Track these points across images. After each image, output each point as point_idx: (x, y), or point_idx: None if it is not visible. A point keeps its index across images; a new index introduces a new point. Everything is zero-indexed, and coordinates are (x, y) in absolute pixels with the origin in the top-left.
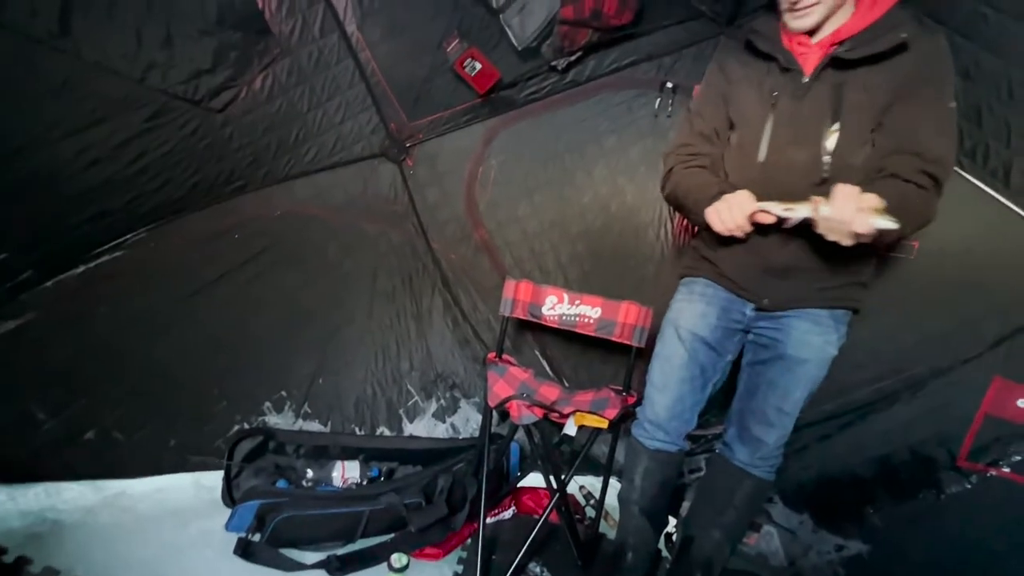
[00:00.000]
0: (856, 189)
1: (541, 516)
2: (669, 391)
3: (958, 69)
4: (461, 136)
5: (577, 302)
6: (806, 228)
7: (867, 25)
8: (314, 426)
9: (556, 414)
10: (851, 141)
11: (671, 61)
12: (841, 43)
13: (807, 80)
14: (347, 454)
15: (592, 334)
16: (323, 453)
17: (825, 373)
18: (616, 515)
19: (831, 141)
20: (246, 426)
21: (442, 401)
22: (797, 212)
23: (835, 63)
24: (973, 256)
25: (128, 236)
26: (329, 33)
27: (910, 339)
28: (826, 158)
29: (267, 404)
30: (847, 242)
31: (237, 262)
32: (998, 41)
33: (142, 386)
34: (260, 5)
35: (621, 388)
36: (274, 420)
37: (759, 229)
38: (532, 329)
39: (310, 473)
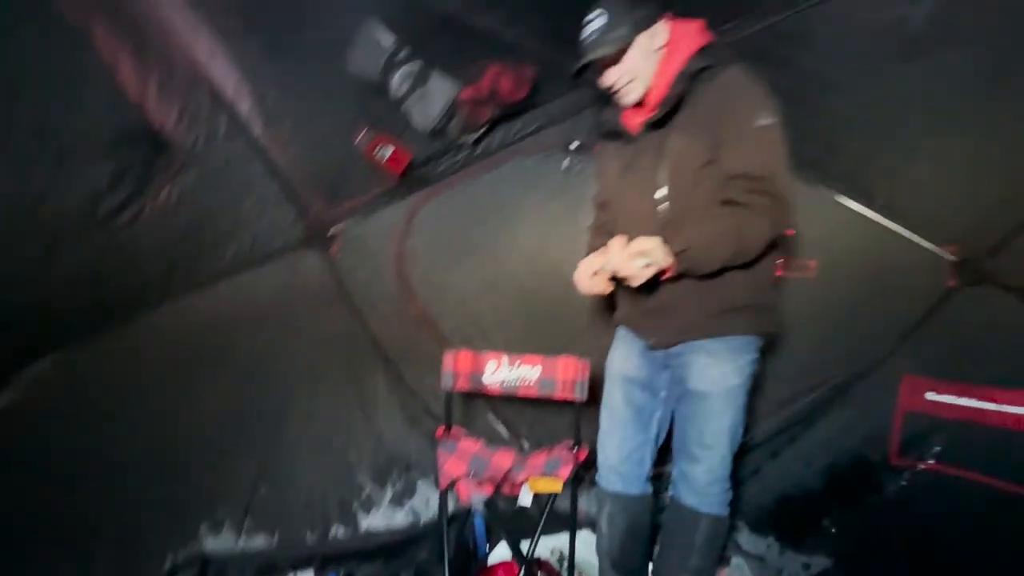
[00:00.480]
0: (623, 239)
1: None
2: (614, 435)
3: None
4: (384, 216)
5: (517, 363)
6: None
7: (668, 86)
8: (260, 541)
9: (508, 486)
10: (680, 185)
11: (571, 124)
12: (657, 106)
13: (638, 142)
14: (299, 564)
15: (535, 395)
16: (272, 570)
17: (741, 400)
18: (590, 571)
19: (662, 191)
20: (180, 559)
21: (398, 486)
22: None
23: (654, 125)
24: (864, 269)
25: (31, 366)
26: (235, 138)
27: (831, 349)
28: (661, 207)
29: (203, 527)
30: (634, 284)
31: (159, 377)
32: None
33: (58, 536)
34: (158, 123)
35: (571, 443)
36: (213, 545)
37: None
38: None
39: None
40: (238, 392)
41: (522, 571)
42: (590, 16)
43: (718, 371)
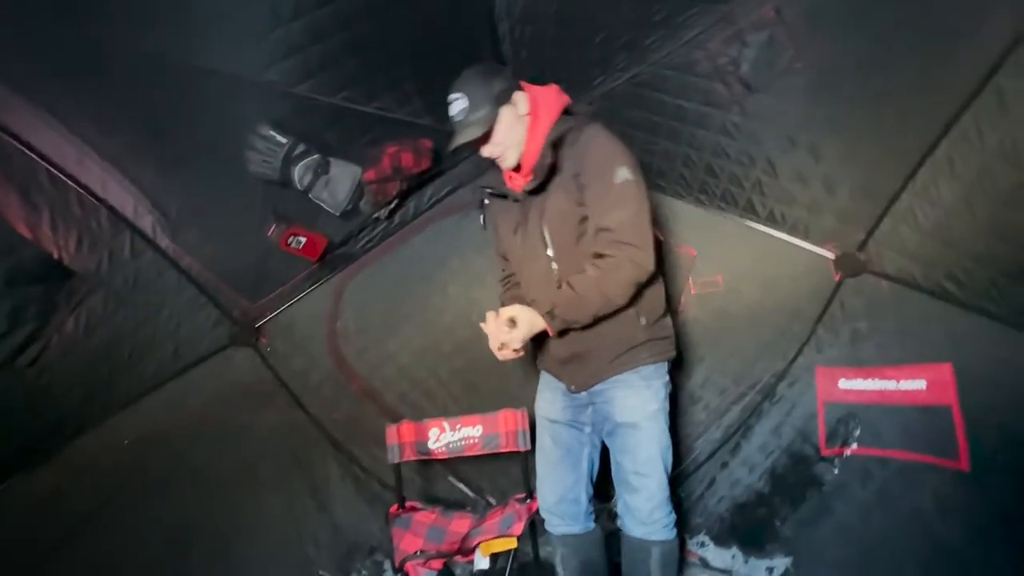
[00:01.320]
0: (493, 314)
1: None
2: (549, 477)
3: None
4: (311, 300)
5: (458, 426)
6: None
7: (538, 152)
8: None
9: (460, 556)
10: (564, 244)
11: (480, 181)
12: (531, 172)
13: (523, 204)
14: None
15: (482, 452)
16: None
17: (663, 423)
18: None
19: (550, 251)
20: None
21: (363, 572)
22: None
23: (533, 190)
24: (763, 275)
25: None
26: (141, 254)
27: (750, 354)
28: (553, 265)
29: None
30: (514, 347)
31: (92, 509)
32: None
33: None
34: (56, 254)
35: (524, 496)
36: None
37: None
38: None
39: None
40: (182, 506)
41: None
42: (450, 98)
43: (637, 400)
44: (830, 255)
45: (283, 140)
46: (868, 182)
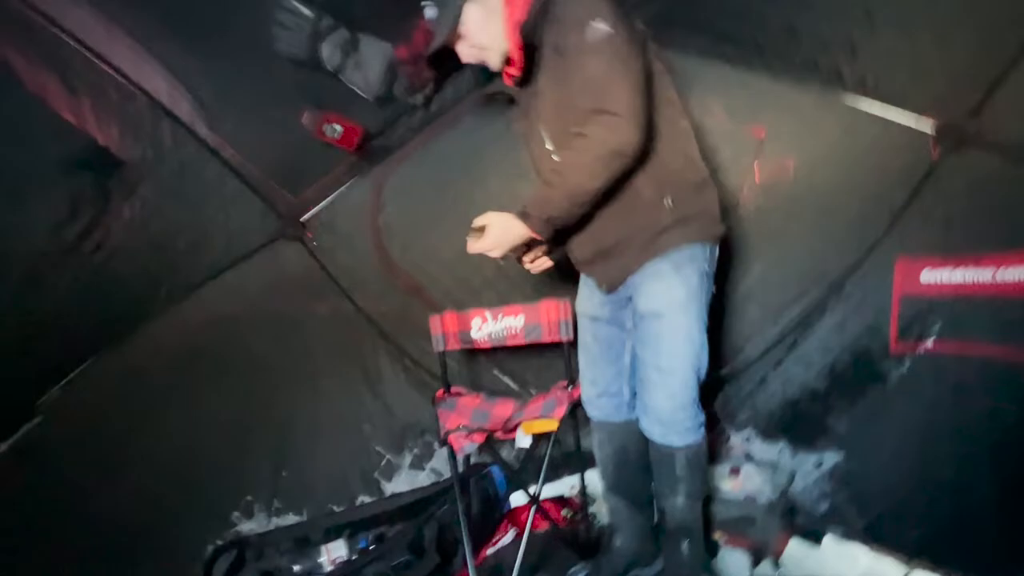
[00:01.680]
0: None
1: (523, 533)
2: (589, 372)
3: None
4: (351, 194)
5: (500, 316)
6: (585, 219)
7: (520, 49)
8: (290, 519)
9: (502, 433)
10: (559, 132)
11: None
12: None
13: (524, 101)
14: (330, 535)
15: (524, 342)
16: (306, 543)
17: (695, 314)
18: None
19: (548, 143)
20: (219, 543)
21: (416, 450)
22: None
23: (524, 82)
24: (843, 157)
25: (41, 399)
26: (184, 143)
27: (817, 247)
28: (548, 146)
29: (235, 514)
30: (495, 256)
31: (165, 389)
32: None
33: (98, 546)
34: (102, 141)
35: (566, 383)
36: (248, 527)
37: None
38: (484, 352)
39: (296, 568)
40: (246, 389)
41: (531, 513)
42: (423, 6)
43: (662, 285)
44: (929, 127)
45: (307, 13)
46: (990, 33)
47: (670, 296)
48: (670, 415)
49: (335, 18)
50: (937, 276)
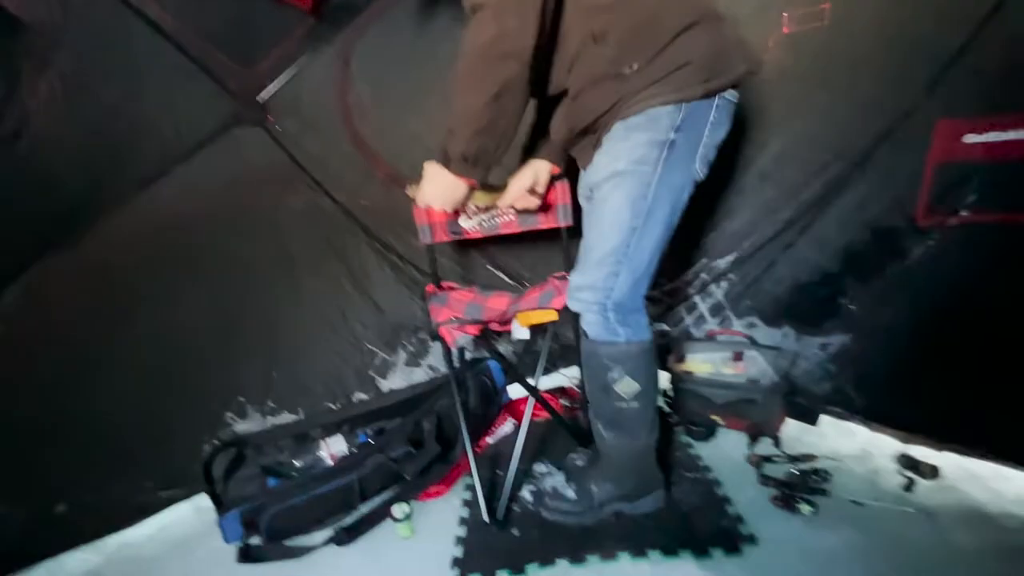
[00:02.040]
0: None
1: (521, 423)
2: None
3: None
4: (315, 68)
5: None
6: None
7: None
8: (285, 418)
9: (498, 324)
10: None
11: None
12: None
13: None
14: (329, 431)
15: (519, 231)
16: (305, 439)
17: (641, 191)
18: None
19: None
20: (216, 443)
21: (410, 347)
22: None
23: None
24: (885, 2)
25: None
26: (103, 3)
27: (844, 114)
28: None
29: (228, 415)
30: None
31: (134, 290)
32: None
33: (90, 444)
34: None
35: (563, 274)
36: (242, 427)
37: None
38: (476, 245)
39: (297, 463)
40: (224, 290)
41: (530, 404)
42: None
43: (606, 157)
44: None
45: None
46: None
47: (609, 167)
48: (574, 290)
49: None
50: (981, 138)
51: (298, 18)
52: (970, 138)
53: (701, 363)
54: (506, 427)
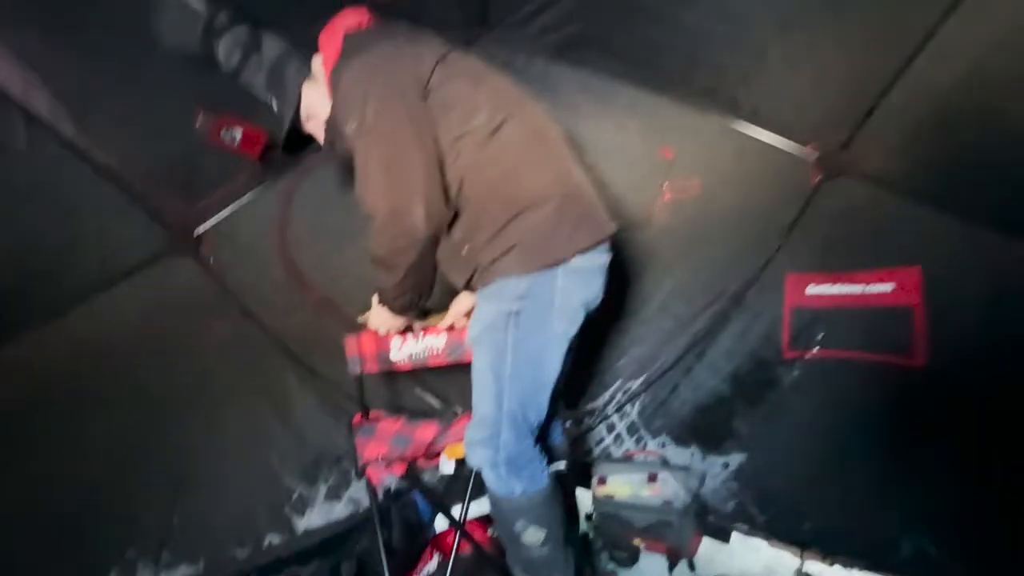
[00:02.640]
0: None
1: (449, 558)
2: None
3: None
4: (255, 205)
5: (421, 335)
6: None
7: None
8: (182, 571)
9: (425, 460)
10: None
11: None
12: None
13: None
14: None
15: (446, 362)
16: None
17: (494, 348)
18: None
19: None
20: None
21: (331, 480)
22: None
23: None
24: (741, 178)
25: None
26: (41, 145)
27: (720, 261)
28: None
29: (112, 573)
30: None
31: (25, 428)
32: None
33: None
34: None
35: None
36: None
37: None
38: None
39: None
40: (128, 424)
41: (456, 538)
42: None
43: (473, 321)
44: (810, 156)
45: (197, 7)
46: (860, 74)
47: (473, 330)
48: (469, 444)
49: (232, 14)
50: (820, 290)
51: (245, 163)
52: (811, 288)
53: (621, 485)
54: (431, 565)
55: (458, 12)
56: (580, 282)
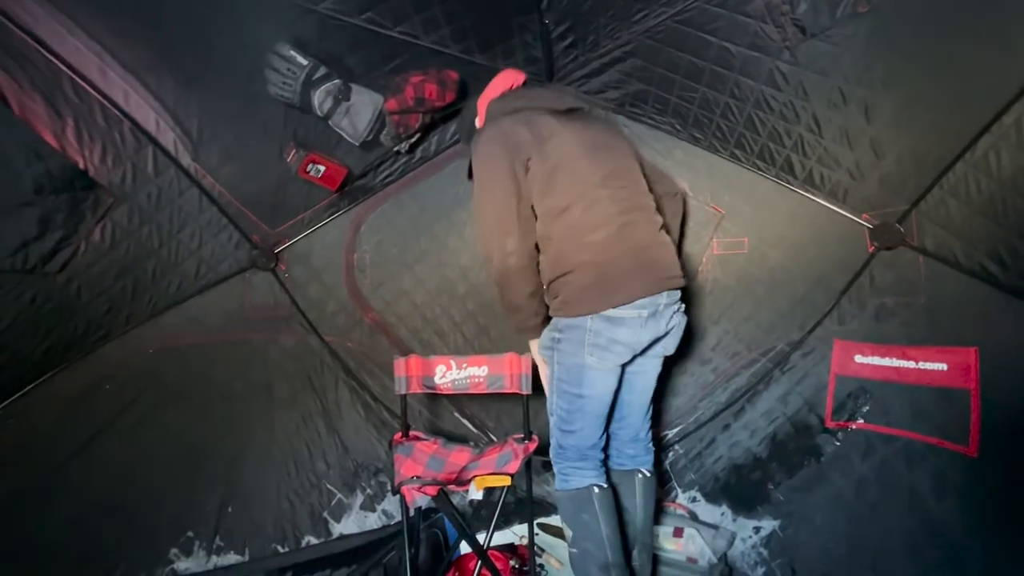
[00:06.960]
0: None
1: None
2: None
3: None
4: (329, 230)
5: (464, 365)
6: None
7: None
8: (231, 558)
9: (455, 485)
10: None
11: None
12: None
13: None
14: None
15: (486, 392)
16: None
17: (551, 372)
18: (559, 552)
19: None
20: None
21: (368, 491)
22: None
23: None
24: (792, 241)
25: None
26: (165, 171)
27: (766, 321)
28: None
29: (173, 551)
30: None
31: (113, 414)
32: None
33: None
34: (81, 164)
35: (522, 436)
36: (184, 565)
37: None
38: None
39: None
40: (200, 418)
41: (478, 566)
42: None
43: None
44: (867, 225)
45: (303, 61)
46: (920, 148)
47: (540, 345)
48: (550, 453)
49: (328, 68)
50: (868, 360)
51: (324, 193)
52: (860, 358)
53: None
54: None
55: (527, 68)
56: (611, 326)
